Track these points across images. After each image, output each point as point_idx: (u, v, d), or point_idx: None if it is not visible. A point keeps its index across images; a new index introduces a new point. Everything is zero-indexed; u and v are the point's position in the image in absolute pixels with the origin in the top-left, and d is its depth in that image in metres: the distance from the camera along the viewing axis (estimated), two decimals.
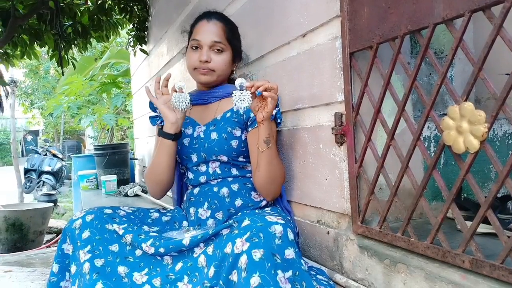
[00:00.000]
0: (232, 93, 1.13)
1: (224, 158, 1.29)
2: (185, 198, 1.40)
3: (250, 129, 1.29)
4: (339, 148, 1.15)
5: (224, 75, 1.36)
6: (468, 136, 0.76)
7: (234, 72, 1.43)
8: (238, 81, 1.12)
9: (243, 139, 1.30)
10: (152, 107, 1.42)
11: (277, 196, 1.31)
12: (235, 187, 1.29)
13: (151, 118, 1.45)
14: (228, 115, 1.32)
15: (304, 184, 1.33)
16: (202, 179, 1.33)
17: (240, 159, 1.30)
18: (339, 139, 1.14)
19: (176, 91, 1.24)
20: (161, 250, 1.08)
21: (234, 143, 1.28)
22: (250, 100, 1.11)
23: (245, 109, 1.15)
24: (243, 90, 1.11)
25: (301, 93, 1.31)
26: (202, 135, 1.33)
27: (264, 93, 1.11)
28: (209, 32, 1.31)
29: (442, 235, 0.86)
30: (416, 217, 1.20)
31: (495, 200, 0.80)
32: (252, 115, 1.27)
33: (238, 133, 1.30)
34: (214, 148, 1.29)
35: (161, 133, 1.28)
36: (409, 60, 1.24)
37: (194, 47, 1.32)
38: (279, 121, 1.30)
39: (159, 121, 1.41)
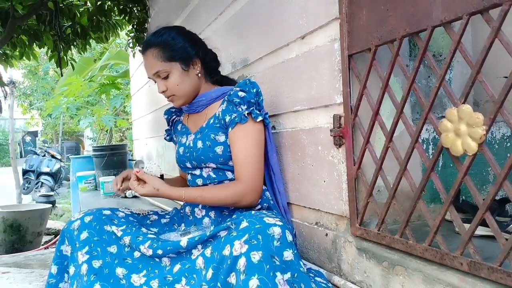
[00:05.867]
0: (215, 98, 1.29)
1: (212, 165, 1.29)
2: None
3: (229, 129, 1.26)
4: (338, 150, 1.15)
5: (191, 88, 1.32)
6: (466, 138, 0.76)
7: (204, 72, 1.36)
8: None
9: (229, 143, 1.27)
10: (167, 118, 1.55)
11: (244, 206, 1.24)
12: None
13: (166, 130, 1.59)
14: (211, 121, 1.31)
15: (302, 186, 1.33)
16: (199, 181, 1.33)
17: (230, 163, 1.28)
18: (338, 141, 1.14)
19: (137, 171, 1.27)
20: (159, 251, 1.08)
21: (219, 149, 1.27)
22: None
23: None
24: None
25: (300, 95, 1.31)
26: (191, 144, 1.34)
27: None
28: (147, 66, 1.31)
29: (440, 238, 0.86)
30: (415, 220, 1.20)
31: (493, 202, 0.80)
32: (227, 118, 1.26)
33: (221, 138, 1.28)
34: (200, 157, 1.29)
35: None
36: (407, 63, 1.24)
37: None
38: (260, 118, 1.25)
39: (166, 135, 1.57)
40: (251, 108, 1.24)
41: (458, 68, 1.42)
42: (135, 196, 2.97)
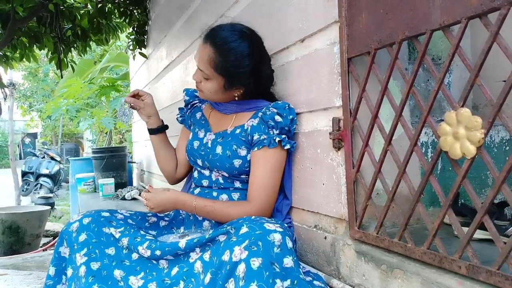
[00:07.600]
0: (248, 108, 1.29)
1: (225, 174, 1.29)
2: None
3: (254, 149, 1.26)
4: (337, 153, 1.15)
5: (220, 99, 1.32)
6: (465, 142, 0.77)
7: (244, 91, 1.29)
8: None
9: (248, 159, 1.27)
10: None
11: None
12: (235, 196, 1.29)
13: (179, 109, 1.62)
14: (237, 131, 1.30)
15: (301, 189, 1.33)
16: (205, 182, 1.33)
17: (243, 176, 1.29)
18: (337, 144, 1.14)
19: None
20: (157, 252, 1.08)
21: (237, 163, 1.26)
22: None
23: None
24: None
25: (299, 98, 1.31)
26: (209, 144, 1.33)
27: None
28: (199, 56, 1.27)
29: (439, 241, 0.86)
30: (413, 223, 1.20)
31: (492, 206, 0.81)
32: (255, 136, 1.25)
33: (243, 152, 1.27)
34: (216, 163, 1.28)
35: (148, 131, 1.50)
36: (406, 66, 1.24)
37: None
38: (288, 146, 1.24)
39: (179, 115, 1.57)
40: (283, 136, 1.24)
41: (457, 72, 1.42)
42: (134, 198, 2.96)
